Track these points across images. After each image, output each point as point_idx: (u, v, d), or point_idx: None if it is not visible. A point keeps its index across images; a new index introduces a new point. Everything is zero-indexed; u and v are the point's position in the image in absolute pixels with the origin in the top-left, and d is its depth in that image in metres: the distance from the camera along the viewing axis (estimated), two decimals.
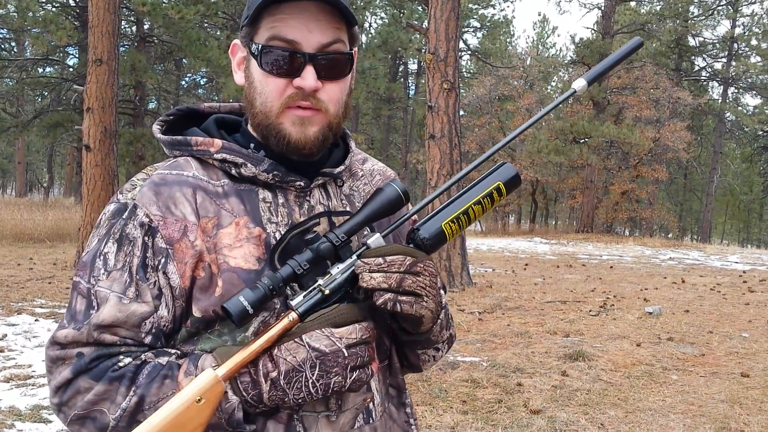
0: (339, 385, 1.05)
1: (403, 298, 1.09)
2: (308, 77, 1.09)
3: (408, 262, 1.09)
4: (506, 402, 5.00)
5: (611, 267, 14.44)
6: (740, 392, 5.43)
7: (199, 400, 0.99)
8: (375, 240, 1.11)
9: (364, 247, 1.11)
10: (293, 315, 1.05)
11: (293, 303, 1.06)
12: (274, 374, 1.03)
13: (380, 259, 1.08)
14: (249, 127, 1.21)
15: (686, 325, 7.92)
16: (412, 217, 1.36)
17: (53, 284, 9.67)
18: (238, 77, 1.19)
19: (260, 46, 1.10)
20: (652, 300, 9.66)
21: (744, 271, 14.06)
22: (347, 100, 1.18)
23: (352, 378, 1.05)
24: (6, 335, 6.56)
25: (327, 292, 1.07)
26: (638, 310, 8.72)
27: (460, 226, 1.16)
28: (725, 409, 5.01)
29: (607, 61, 1.25)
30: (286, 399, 1.04)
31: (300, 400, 1.05)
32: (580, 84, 1.21)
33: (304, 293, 1.07)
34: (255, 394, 1.04)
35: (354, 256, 1.10)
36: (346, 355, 1.04)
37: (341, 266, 1.09)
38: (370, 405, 1.19)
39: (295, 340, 1.04)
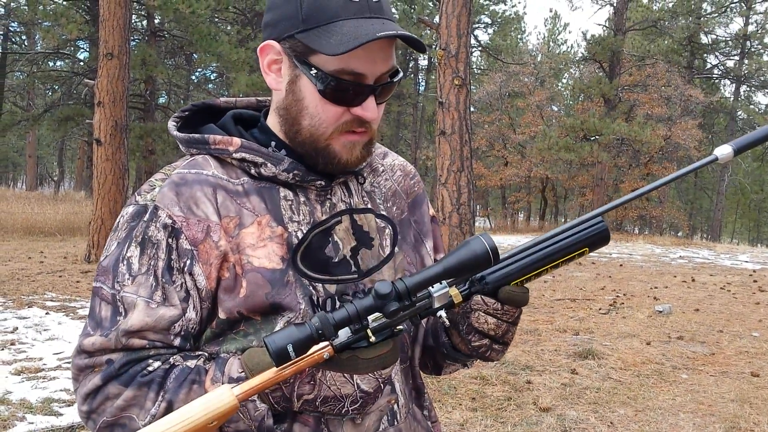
0: (372, 405, 1.09)
1: (497, 346, 1.13)
2: (371, 108, 1.08)
3: (517, 314, 1.10)
4: (515, 399, 4.99)
5: (621, 265, 14.38)
6: (750, 392, 5.39)
7: (211, 423, 0.95)
8: (442, 293, 1.03)
9: (428, 299, 1.03)
10: (329, 349, 0.97)
11: (336, 342, 0.98)
12: (310, 396, 1.03)
13: (498, 305, 1.08)
14: (269, 123, 1.18)
15: (696, 324, 7.88)
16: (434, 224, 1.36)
17: (64, 278, 9.71)
18: (272, 80, 1.13)
19: (327, 75, 1.05)
20: (662, 298, 9.61)
21: (754, 270, 13.97)
22: None
23: (381, 392, 1.09)
24: (17, 328, 6.60)
25: (373, 339, 0.98)
26: (648, 309, 8.68)
27: (529, 281, 1.11)
28: (735, 408, 4.98)
29: (761, 131, 1.09)
30: (317, 412, 1.07)
31: (331, 414, 1.08)
32: (724, 151, 1.06)
33: (350, 335, 0.98)
34: (285, 406, 1.05)
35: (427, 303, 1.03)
36: (381, 383, 1.06)
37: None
38: (395, 407, 1.18)
39: (345, 375, 1.01)
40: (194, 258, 1.07)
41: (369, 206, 1.21)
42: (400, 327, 1.02)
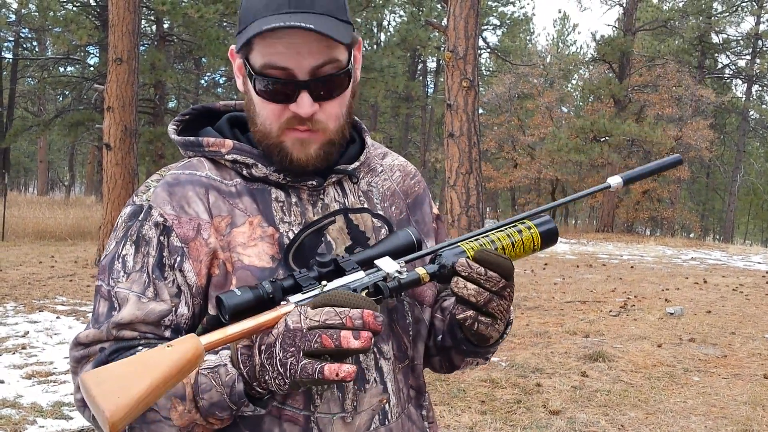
0: (293, 369, 0.94)
1: (483, 318, 1.10)
2: (304, 104, 1.07)
3: (502, 284, 1.08)
4: (525, 402, 4.96)
5: (632, 267, 14.30)
6: (763, 394, 5.35)
7: (169, 345, 0.93)
8: (388, 264, 1.07)
9: (375, 269, 1.07)
10: (291, 307, 0.99)
11: (293, 299, 1.01)
12: (263, 346, 0.98)
13: (482, 269, 1.07)
14: None
15: (708, 326, 7.82)
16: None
17: (74, 282, 9.76)
18: (239, 83, 1.18)
19: (255, 73, 1.08)
20: (674, 300, 9.55)
21: (767, 272, 13.86)
22: (350, 105, 1.16)
23: (302, 365, 0.93)
24: (28, 332, 6.63)
25: (324, 283, 1.03)
26: (659, 311, 8.63)
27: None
28: (747, 411, 4.94)
29: (646, 166, 1.27)
30: (267, 378, 0.98)
31: (279, 383, 0.97)
32: (615, 181, 1.21)
33: (304, 292, 1.03)
34: (250, 368, 0.99)
35: (361, 272, 1.06)
36: (301, 336, 0.94)
37: (347, 277, 1.05)
38: (386, 406, 1.17)
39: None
40: (184, 255, 1.10)
41: (365, 206, 1.22)
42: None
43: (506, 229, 1.15)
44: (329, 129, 1.12)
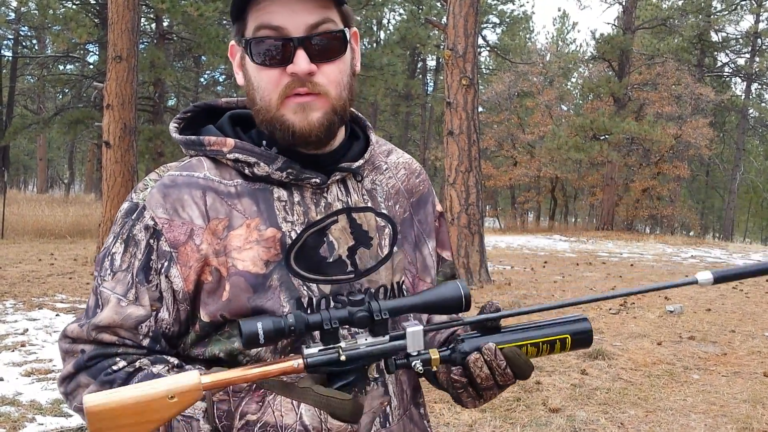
0: None
1: (472, 392, 1.11)
2: (300, 62, 1.05)
3: (510, 383, 1.08)
4: (525, 400, 4.96)
5: (632, 265, 14.30)
6: (763, 392, 5.34)
7: (171, 397, 0.93)
8: (416, 331, 1.03)
9: (401, 334, 1.03)
10: (300, 362, 0.98)
11: (306, 352, 0.99)
12: (252, 417, 0.99)
13: (503, 363, 1.06)
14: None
15: (708, 324, 7.82)
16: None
17: (74, 279, 9.76)
18: (239, 78, 1.16)
19: (249, 40, 1.08)
20: (673, 298, 9.55)
21: None
22: (351, 82, 1.14)
23: None
24: (27, 330, 6.63)
25: (343, 358, 0.99)
26: (659, 309, 8.63)
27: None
28: (747, 409, 4.94)
29: (743, 268, 1.15)
30: None
31: None
32: (705, 277, 1.13)
33: (321, 348, 1.00)
34: (227, 425, 1.01)
35: (387, 336, 1.03)
36: (326, 427, 0.98)
37: (370, 340, 1.02)
38: (387, 408, 1.16)
39: (293, 403, 0.97)
40: (173, 260, 1.08)
41: (369, 205, 1.19)
42: (373, 374, 1.05)
43: (540, 342, 1.12)
44: (331, 94, 1.09)
